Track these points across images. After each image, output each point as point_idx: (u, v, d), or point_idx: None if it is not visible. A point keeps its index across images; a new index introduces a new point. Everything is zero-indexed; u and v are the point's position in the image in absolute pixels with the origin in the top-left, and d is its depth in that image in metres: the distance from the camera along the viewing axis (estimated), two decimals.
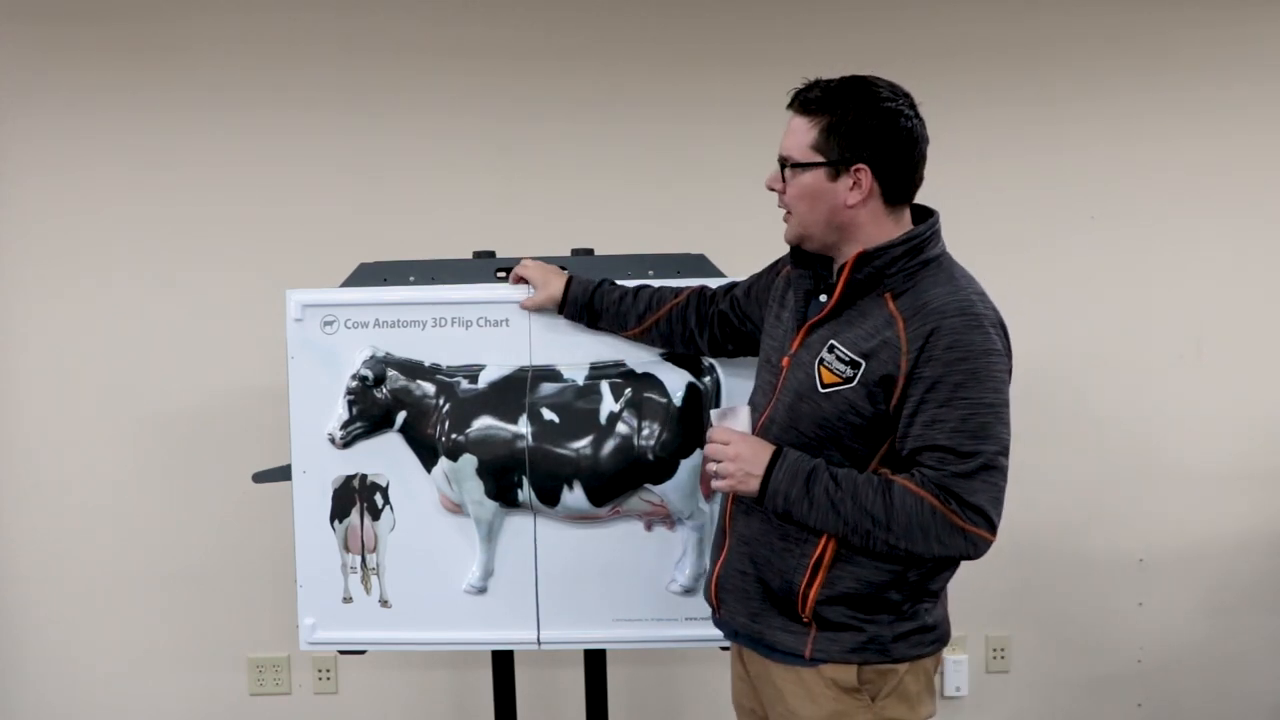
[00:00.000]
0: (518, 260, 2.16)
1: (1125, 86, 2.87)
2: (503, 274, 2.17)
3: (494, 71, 2.84)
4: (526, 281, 2.12)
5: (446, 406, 2.12)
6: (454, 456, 2.11)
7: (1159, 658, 2.97)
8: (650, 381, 2.10)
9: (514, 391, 2.12)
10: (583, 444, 2.09)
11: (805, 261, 1.74)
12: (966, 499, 1.54)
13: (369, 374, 2.12)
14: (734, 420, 1.67)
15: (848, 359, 1.60)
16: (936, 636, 1.72)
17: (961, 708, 2.99)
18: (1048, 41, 2.86)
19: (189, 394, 2.83)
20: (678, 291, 2.05)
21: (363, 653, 2.21)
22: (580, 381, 2.11)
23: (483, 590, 2.14)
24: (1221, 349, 2.91)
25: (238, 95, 2.83)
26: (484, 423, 2.11)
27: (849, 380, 1.59)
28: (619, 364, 2.12)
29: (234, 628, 2.91)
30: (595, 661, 2.28)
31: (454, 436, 2.11)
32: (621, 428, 2.08)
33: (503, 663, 2.30)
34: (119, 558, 2.89)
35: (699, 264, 2.17)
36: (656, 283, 2.11)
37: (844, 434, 1.62)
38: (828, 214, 1.64)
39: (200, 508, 2.86)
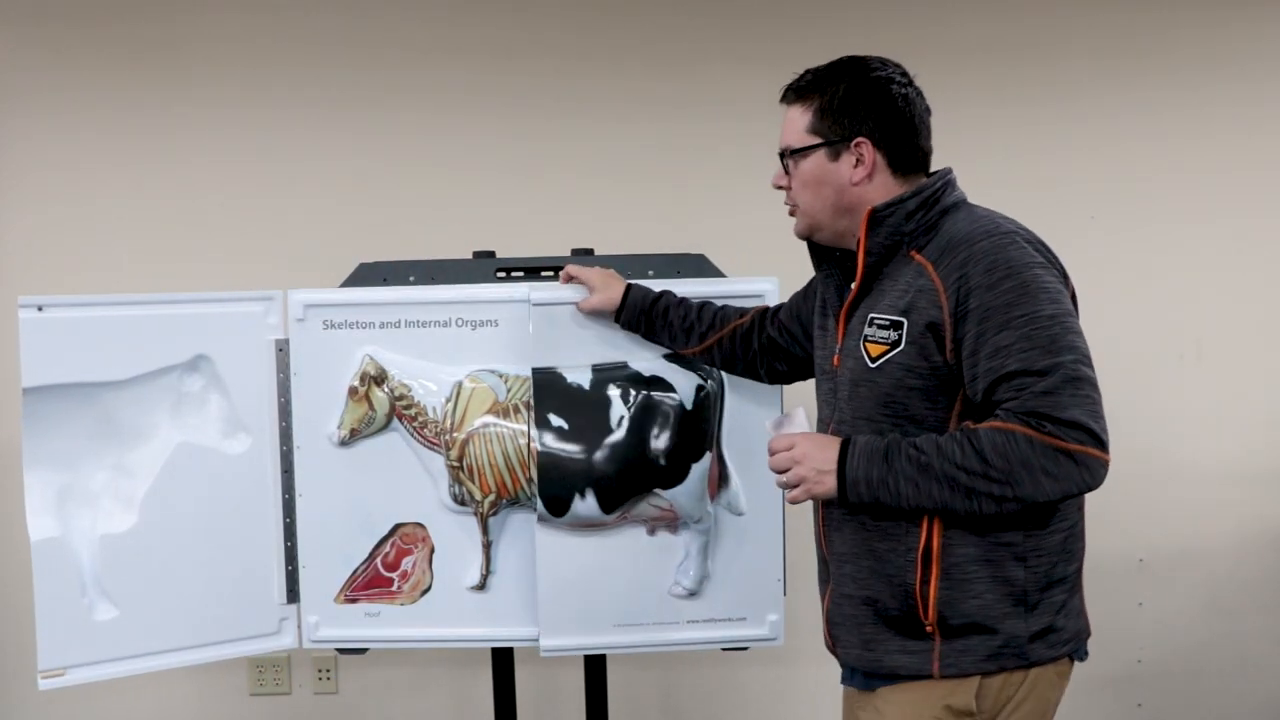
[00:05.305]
0: (518, 260, 2.16)
1: (1125, 87, 2.87)
2: (503, 274, 2.17)
3: (494, 71, 2.84)
4: (579, 281, 2.06)
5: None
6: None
7: (1159, 658, 2.97)
8: (659, 384, 2.07)
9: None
10: (593, 450, 2.06)
11: (825, 259, 1.68)
12: (1059, 416, 1.37)
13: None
14: (791, 425, 1.57)
15: (887, 323, 1.50)
16: (1070, 635, 1.54)
17: None
18: (1048, 41, 2.86)
19: None
20: (742, 311, 1.97)
21: (363, 652, 2.21)
22: (585, 385, 2.09)
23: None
24: (1221, 349, 2.91)
25: (237, 95, 2.82)
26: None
27: (895, 344, 1.49)
28: (622, 365, 2.09)
29: None
30: (595, 665, 2.28)
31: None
32: (632, 433, 2.05)
33: (503, 662, 2.30)
34: None
35: (699, 264, 2.16)
36: (687, 291, 2.05)
37: (910, 403, 1.49)
38: (834, 196, 1.58)
39: None
